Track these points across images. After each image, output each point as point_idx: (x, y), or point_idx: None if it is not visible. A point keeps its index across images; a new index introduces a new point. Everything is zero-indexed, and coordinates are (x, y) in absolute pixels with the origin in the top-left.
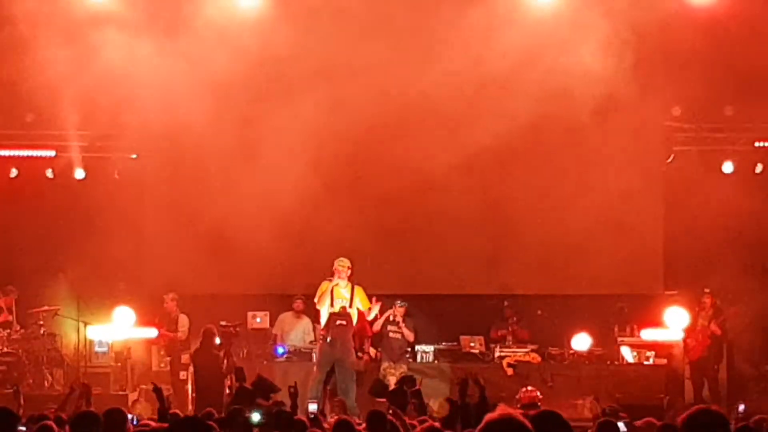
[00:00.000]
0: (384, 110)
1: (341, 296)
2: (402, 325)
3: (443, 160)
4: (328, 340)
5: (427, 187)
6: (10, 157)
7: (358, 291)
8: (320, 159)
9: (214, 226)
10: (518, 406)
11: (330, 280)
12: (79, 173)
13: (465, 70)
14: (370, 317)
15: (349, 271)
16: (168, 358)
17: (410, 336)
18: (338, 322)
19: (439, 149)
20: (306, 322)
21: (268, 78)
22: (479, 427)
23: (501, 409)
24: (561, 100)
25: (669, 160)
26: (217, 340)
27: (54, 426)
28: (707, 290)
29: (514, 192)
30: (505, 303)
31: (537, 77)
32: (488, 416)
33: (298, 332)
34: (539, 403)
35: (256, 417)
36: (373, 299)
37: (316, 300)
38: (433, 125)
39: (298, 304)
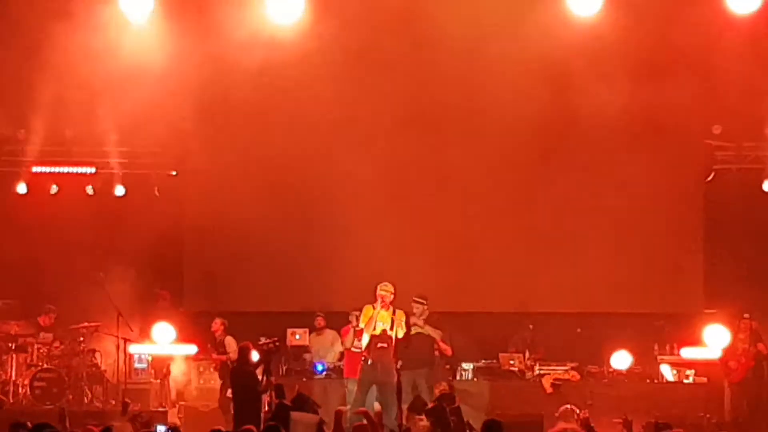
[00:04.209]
0: (414, 120)
1: (383, 319)
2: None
3: (480, 172)
4: (369, 362)
5: (464, 201)
6: (50, 173)
7: (399, 315)
8: (355, 177)
9: (253, 243)
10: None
11: (374, 306)
12: (119, 190)
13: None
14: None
15: (392, 296)
16: (218, 380)
17: (448, 350)
18: (379, 345)
19: (479, 161)
20: (327, 336)
21: (306, 95)
22: None
23: (561, 427)
24: (598, 115)
25: (709, 178)
26: (254, 357)
27: None
28: (746, 315)
29: (554, 210)
30: (531, 326)
31: (572, 95)
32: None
33: (325, 349)
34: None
35: None
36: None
37: (362, 325)
38: (472, 142)
39: (319, 321)
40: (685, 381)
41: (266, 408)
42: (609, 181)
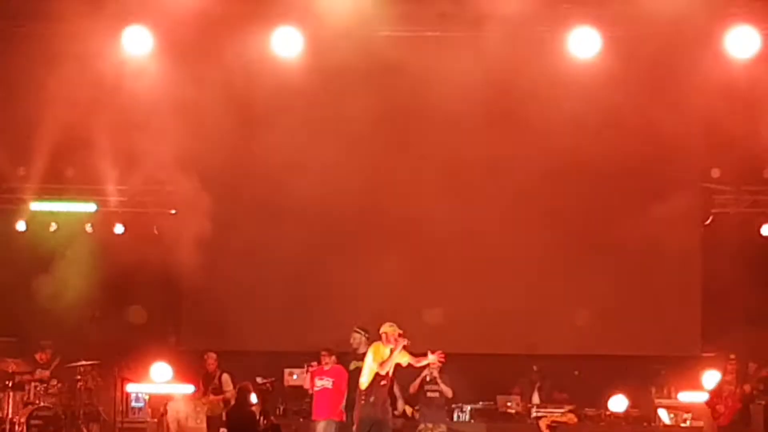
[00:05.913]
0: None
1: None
2: (439, 381)
3: (479, 214)
4: (371, 400)
5: (462, 242)
6: (50, 211)
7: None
8: (354, 216)
9: (251, 283)
10: None
11: (385, 345)
12: (118, 228)
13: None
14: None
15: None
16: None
17: (449, 392)
18: (381, 383)
19: (476, 204)
20: None
21: (307, 133)
22: None
23: None
24: (596, 157)
25: (707, 221)
26: (253, 398)
27: None
28: (732, 357)
29: (552, 252)
30: (534, 368)
31: (571, 136)
32: None
33: None
34: None
35: None
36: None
37: (375, 365)
38: (477, 185)
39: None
40: (682, 425)
41: None
42: (607, 224)
